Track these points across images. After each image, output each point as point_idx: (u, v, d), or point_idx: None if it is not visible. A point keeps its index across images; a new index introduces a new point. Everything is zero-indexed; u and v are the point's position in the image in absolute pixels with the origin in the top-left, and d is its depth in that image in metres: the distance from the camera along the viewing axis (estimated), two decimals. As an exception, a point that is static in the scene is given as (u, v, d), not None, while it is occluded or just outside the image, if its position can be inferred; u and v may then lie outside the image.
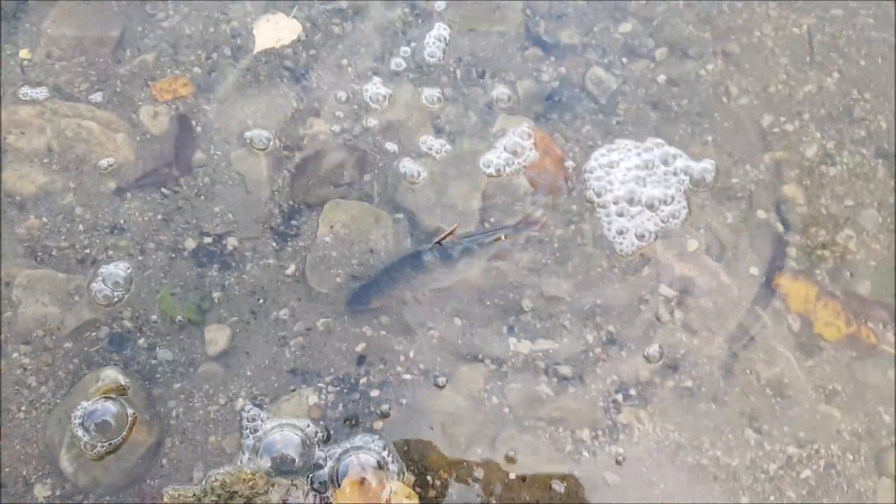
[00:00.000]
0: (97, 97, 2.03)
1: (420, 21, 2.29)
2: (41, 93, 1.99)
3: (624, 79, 2.29)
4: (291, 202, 1.99)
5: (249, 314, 1.85)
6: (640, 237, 2.03)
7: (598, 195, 2.08)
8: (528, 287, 1.95)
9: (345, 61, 2.19)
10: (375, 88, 2.15)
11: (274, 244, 1.94)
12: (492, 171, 2.09)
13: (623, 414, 1.85)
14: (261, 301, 1.87)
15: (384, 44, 2.24)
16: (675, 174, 2.12)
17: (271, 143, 2.03)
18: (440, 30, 2.26)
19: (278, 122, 2.08)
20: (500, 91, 2.20)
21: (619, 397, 1.85)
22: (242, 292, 1.87)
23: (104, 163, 1.94)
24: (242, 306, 1.86)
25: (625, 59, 2.32)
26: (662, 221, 2.06)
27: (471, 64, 2.25)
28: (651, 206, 2.06)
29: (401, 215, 2.01)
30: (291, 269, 1.92)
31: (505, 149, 2.12)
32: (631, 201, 2.07)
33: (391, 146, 2.09)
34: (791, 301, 2.01)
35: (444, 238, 1.94)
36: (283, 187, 2.01)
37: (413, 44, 2.23)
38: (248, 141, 2.02)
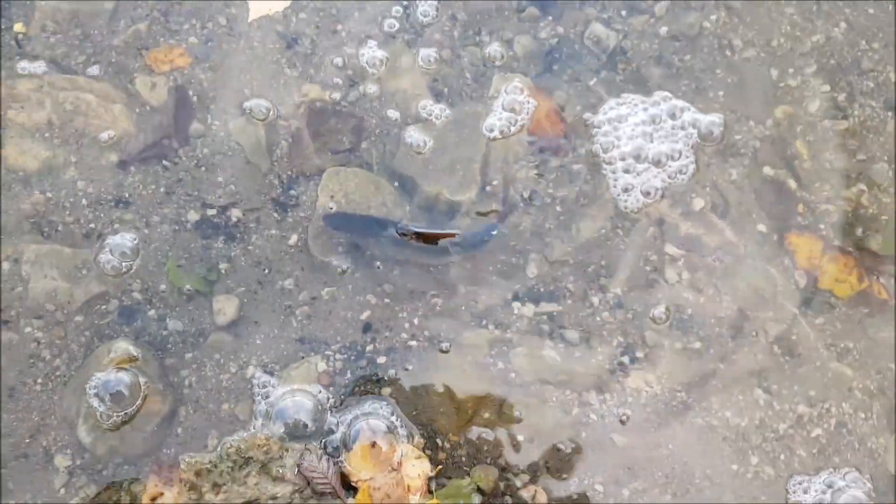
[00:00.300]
0: (94, 70, 1.99)
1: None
2: (39, 67, 1.95)
3: (624, 34, 2.23)
4: (291, 171, 1.97)
5: (256, 284, 1.85)
6: (646, 194, 2.00)
7: (605, 150, 2.04)
8: (532, 251, 1.94)
9: (339, 26, 2.13)
10: (371, 52, 2.09)
11: (276, 215, 1.92)
12: (496, 134, 2.05)
13: (630, 377, 1.85)
14: (266, 271, 1.86)
15: (376, 5, 2.18)
16: (682, 128, 2.07)
17: (270, 113, 2.00)
18: (431, -7, 2.20)
19: (275, 91, 2.04)
20: (496, 49, 2.15)
21: (626, 360, 1.86)
22: (248, 263, 1.86)
23: (104, 136, 1.91)
24: (249, 277, 1.85)
25: (624, 13, 2.25)
26: (669, 178, 2.02)
27: (466, 24, 2.18)
28: (658, 163, 2.02)
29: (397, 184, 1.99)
30: (294, 239, 1.90)
31: (503, 108, 2.07)
32: (638, 157, 2.02)
33: (390, 112, 2.04)
34: (799, 258, 1.98)
35: (427, 235, 1.91)
36: (281, 157, 1.98)
37: (405, 2, 2.18)
38: (247, 111, 1.99)
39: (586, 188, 2.02)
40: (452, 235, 1.92)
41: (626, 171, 2.02)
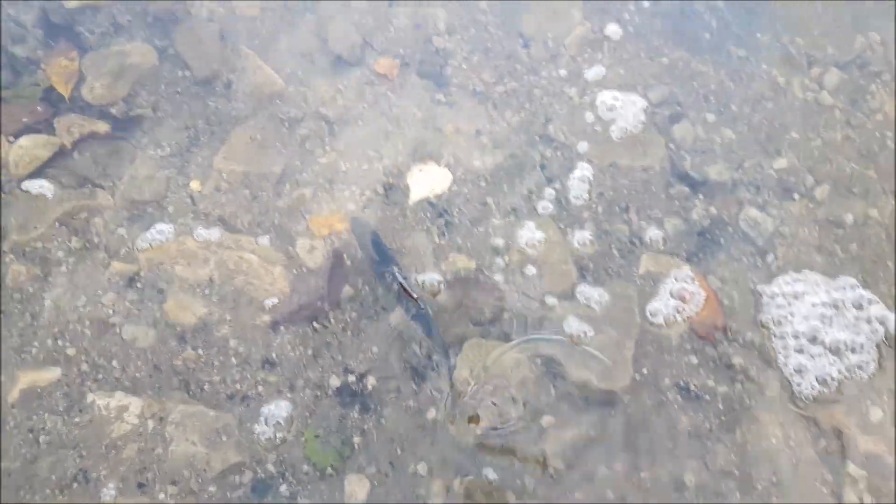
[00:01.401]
0: (258, 230, 2.01)
1: (560, 155, 2.17)
2: (214, 233, 1.97)
3: (781, 219, 2.06)
4: (431, 339, 1.85)
5: (388, 465, 1.68)
6: (822, 381, 1.74)
7: (777, 324, 1.83)
8: (692, 458, 1.69)
9: (489, 199, 2.09)
10: (524, 232, 2.00)
11: (413, 385, 1.79)
12: (659, 320, 1.87)
13: None
14: (399, 451, 1.70)
15: (526, 182, 2.13)
16: (867, 322, 1.83)
17: (415, 279, 1.93)
18: (583, 170, 2.12)
19: (422, 258, 1.98)
20: (648, 230, 2.02)
21: None
22: (382, 438, 1.71)
23: (261, 295, 1.88)
24: (381, 455, 1.69)
25: (780, 198, 2.09)
26: (847, 371, 1.76)
27: (614, 200, 2.09)
28: (836, 351, 1.78)
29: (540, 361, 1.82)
30: (431, 413, 1.75)
31: (672, 295, 1.91)
32: (813, 340, 1.79)
33: (533, 286, 1.93)
34: None
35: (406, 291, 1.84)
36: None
37: (556, 184, 2.09)
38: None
39: (750, 386, 1.78)
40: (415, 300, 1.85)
41: (799, 351, 1.79)
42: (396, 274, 1.90)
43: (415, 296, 1.87)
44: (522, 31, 2.42)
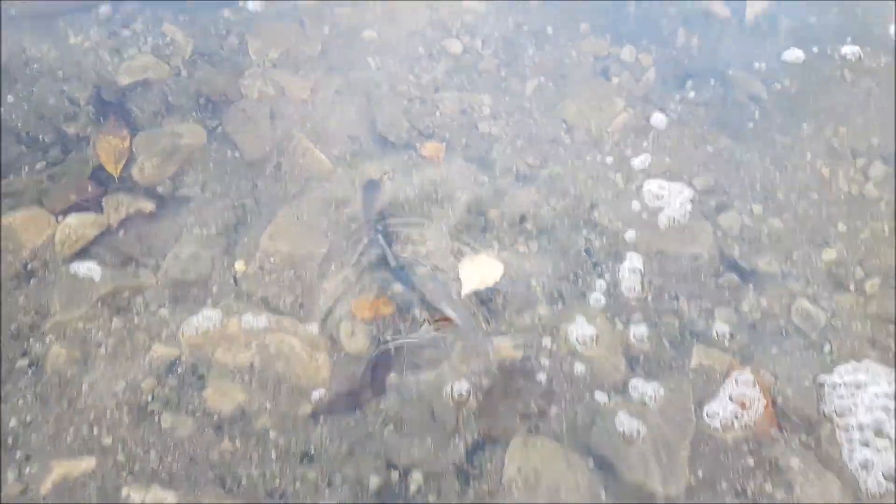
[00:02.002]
0: (301, 312, 1.98)
1: (606, 242, 2.14)
2: (260, 321, 1.92)
3: (833, 312, 2.00)
4: (477, 434, 1.78)
5: (433, 574, 1.58)
6: (889, 478, 1.65)
7: (840, 415, 1.75)
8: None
9: (534, 283, 2.05)
10: (577, 328, 1.94)
11: (457, 485, 1.69)
12: (716, 424, 1.78)
13: None
14: (445, 556, 1.60)
15: (571, 267, 2.09)
16: None
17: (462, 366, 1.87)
18: (633, 261, 2.08)
19: (468, 345, 1.92)
20: (699, 321, 1.97)
21: None
22: (425, 541, 1.62)
23: (302, 383, 1.81)
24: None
25: (831, 291, 2.04)
26: None
27: (663, 289, 2.04)
28: None
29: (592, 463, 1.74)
30: (479, 518, 1.65)
31: (731, 399, 1.82)
32: (879, 433, 1.71)
33: (582, 377, 1.85)
34: None
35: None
36: (468, 416, 1.80)
37: (605, 274, 2.04)
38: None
39: (811, 490, 1.68)
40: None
41: (865, 445, 1.70)
42: (381, 241, 2.04)
43: (392, 265, 1.97)
44: (565, 117, 2.44)
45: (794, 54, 2.64)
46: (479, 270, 2.05)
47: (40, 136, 2.30)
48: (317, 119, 2.41)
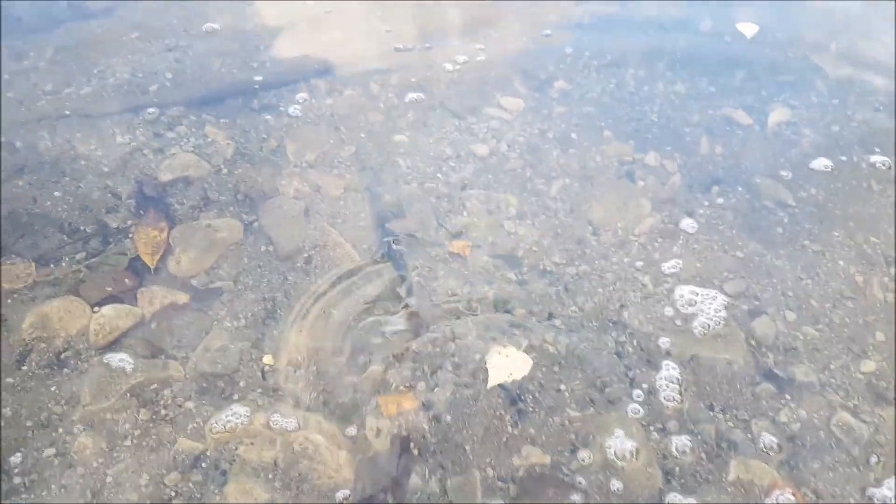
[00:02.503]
0: (326, 408, 1.97)
1: (637, 345, 2.14)
2: (290, 423, 1.92)
3: (876, 426, 1.95)
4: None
5: None
6: None
7: None
8: None
9: (562, 386, 2.04)
10: (614, 441, 1.92)
11: None
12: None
13: None
14: None
15: (601, 371, 2.09)
16: None
17: (490, 471, 1.83)
18: (670, 369, 2.08)
19: (494, 450, 1.90)
20: (735, 432, 1.93)
21: None
22: None
23: (325, 484, 1.79)
24: None
25: (872, 404, 2.00)
26: None
27: (698, 397, 2.02)
28: None
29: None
30: None
31: (774, 520, 1.77)
32: None
33: (617, 490, 1.80)
34: None
35: None
36: (497, 525, 1.76)
37: (637, 381, 2.03)
38: (464, 469, 1.84)
39: None
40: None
41: None
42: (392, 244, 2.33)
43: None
44: (591, 218, 2.52)
45: (822, 162, 2.72)
46: (508, 363, 2.05)
47: (82, 227, 2.41)
48: (348, 215, 2.51)
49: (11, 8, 3.44)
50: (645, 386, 2.04)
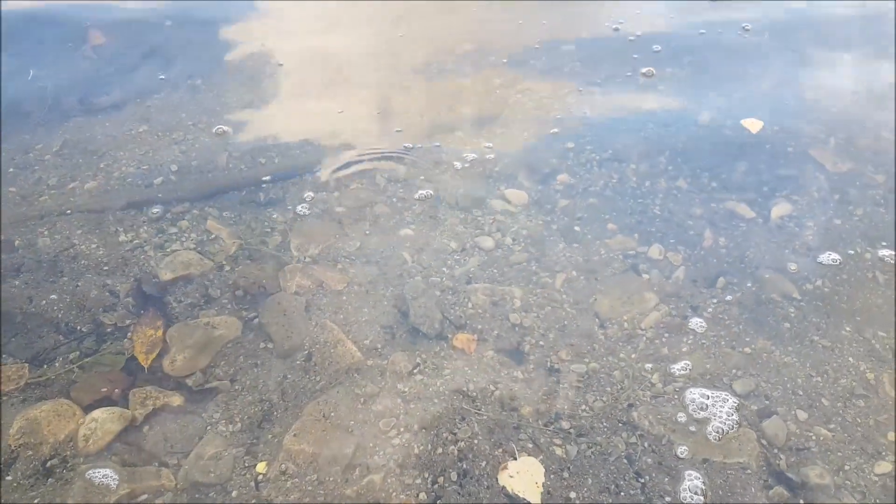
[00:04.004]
0: (323, 522, 1.91)
1: (649, 447, 2.10)
2: None
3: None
4: None
5: None
6: None
7: None
8: None
9: (573, 495, 1.99)
10: None
11: None
12: None
13: None
14: None
15: (614, 476, 2.03)
16: None
17: None
18: (693, 479, 2.02)
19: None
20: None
21: None
22: None
23: None
24: None
25: (893, 507, 1.94)
26: None
27: (713, 501, 1.96)
28: None
29: None
30: None
31: None
32: None
33: None
34: None
35: None
36: None
37: (650, 488, 2.00)
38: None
39: None
40: None
41: None
42: None
43: None
44: (598, 311, 2.52)
45: (830, 256, 2.74)
46: (521, 476, 1.99)
47: (78, 327, 2.41)
48: (350, 310, 2.50)
49: (21, 103, 3.58)
50: (654, 491, 1.99)
